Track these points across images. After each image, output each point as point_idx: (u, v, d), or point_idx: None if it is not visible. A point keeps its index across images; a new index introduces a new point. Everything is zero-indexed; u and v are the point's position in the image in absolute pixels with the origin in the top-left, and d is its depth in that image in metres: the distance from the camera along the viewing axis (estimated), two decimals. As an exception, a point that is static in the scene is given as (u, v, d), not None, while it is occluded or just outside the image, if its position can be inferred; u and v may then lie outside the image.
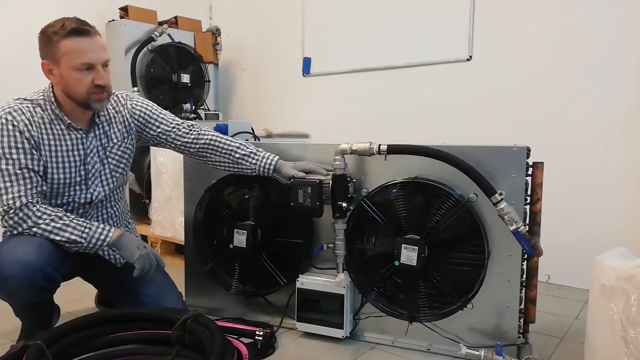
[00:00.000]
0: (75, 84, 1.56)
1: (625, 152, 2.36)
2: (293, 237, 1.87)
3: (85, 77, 1.55)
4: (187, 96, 3.60)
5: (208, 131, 1.85)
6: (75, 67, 1.54)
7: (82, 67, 1.54)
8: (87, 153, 1.68)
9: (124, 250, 1.62)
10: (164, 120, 1.83)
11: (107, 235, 1.59)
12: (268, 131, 2.69)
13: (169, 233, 2.88)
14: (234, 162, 1.82)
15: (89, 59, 1.54)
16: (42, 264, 1.48)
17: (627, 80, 2.34)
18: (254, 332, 1.71)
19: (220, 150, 1.82)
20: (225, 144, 1.82)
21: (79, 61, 1.53)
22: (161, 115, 1.84)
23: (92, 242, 1.57)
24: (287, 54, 3.62)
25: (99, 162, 1.72)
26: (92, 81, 1.56)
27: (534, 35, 2.58)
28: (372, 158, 1.72)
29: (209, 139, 1.83)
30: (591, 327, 1.41)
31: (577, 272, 2.41)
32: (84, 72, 1.55)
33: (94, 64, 1.56)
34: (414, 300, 1.71)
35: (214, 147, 1.82)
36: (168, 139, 1.83)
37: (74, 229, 1.55)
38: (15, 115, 1.55)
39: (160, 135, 1.83)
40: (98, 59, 1.57)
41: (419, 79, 2.99)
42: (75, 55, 1.53)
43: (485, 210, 1.61)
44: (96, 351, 1.54)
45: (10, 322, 1.77)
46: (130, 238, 1.65)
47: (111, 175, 1.76)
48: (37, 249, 1.49)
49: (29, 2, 3.09)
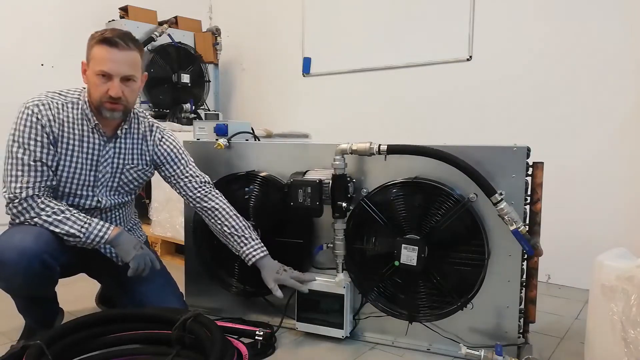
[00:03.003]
0: (93, 88, 1.63)
1: (625, 152, 2.36)
2: (293, 237, 1.87)
3: (102, 85, 1.61)
4: (187, 96, 3.60)
5: (216, 196, 1.84)
6: (96, 72, 1.60)
7: (100, 73, 1.60)
8: (99, 160, 1.71)
9: (121, 249, 1.65)
10: (181, 166, 1.84)
11: (106, 232, 1.61)
12: (268, 131, 2.68)
13: (169, 233, 2.88)
14: (224, 236, 1.83)
15: (108, 69, 1.59)
16: (39, 251, 1.50)
17: (627, 80, 2.34)
18: (254, 332, 1.71)
19: (219, 221, 1.82)
20: (225, 220, 1.81)
21: (98, 68, 1.60)
22: (182, 160, 1.85)
23: (90, 238, 1.59)
24: (287, 54, 3.62)
25: (110, 173, 1.75)
26: (107, 91, 1.61)
27: (534, 35, 2.58)
28: (372, 158, 1.72)
29: (213, 207, 1.82)
30: (591, 327, 1.41)
31: (577, 272, 2.41)
32: (102, 79, 1.61)
33: (111, 75, 1.60)
34: (414, 300, 1.71)
35: (214, 216, 1.82)
36: (177, 184, 1.85)
37: (74, 223, 1.58)
38: (41, 108, 1.61)
39: (171, 178, 1.85)
40: (116, 71, 1.60)
41: (419, 79, 2.99)
42: (98, 62, 1.60)
43: (485, 210, 1.61)
44: (96, 351, 1.54)
45: (10, 322, 1.77)
46: (128, 238, 1.67)
47: (119, 190, 1.79)
48: (35, 236, 1.52)
49: (29, 2, 3.09)
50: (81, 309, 2.03)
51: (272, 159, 1.92)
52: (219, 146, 1.95)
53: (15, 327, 1.78)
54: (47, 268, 1.53)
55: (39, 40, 3.13)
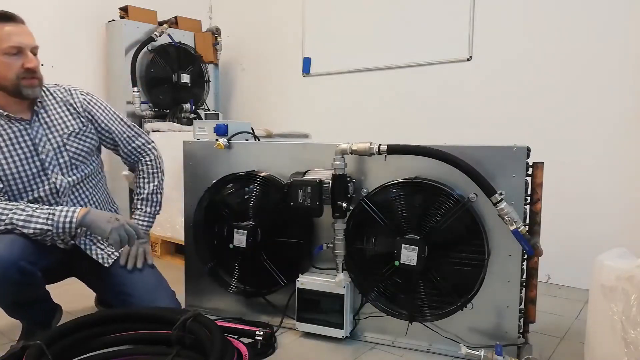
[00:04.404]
0: (4, 70, 1.55)
1: (625, 152, 2.36)
2: (293, 237, 1.87)
3: (14, 62, 1.55)
4: (187, 96, 3.60)
5: (144, 162, 1.91)
6: (3, 50, 1.53)
7: (11, 50, 1.54)
8: (36, 142, 1.65)
9: (95, 227, 1.57)
10: (117, 133, 1.85)
11: (73, 216, 1.54)
12: (268, 131, 2.68)
13: (168, 233, 2.88)
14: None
15: (19, 43, 1.54)
16: (15, 259, 1.46)
17: (627, 80, 2.34)
18: (254, 332, 1.71)
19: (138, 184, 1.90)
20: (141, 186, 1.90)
21: (7, 44, 1.53)
22: (115, 123, 1.85)
23: (59, 227, 1.53)
24: (287, 54, 3.62)
25: (52, 150, 1.68)
26: (22, 65, 1.56)
27: (534, 35, 2.58)
28: (372, 158, 1.72)
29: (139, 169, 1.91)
30: (591, 327, 1.41)
31: (577, 272, 2.41)
32: (13, 56, 1.55)
33: (22, 48, 1.55)
34: (414, 300, 1.71)
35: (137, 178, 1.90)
36: (114, 150, 1.87)
37: (38, 218, 1.53)
38: None
39: (106, 142, 1.85)
40: (27, 43, 1.57)
41: (419, 79, 2.99)
42: (3, 40, 1.53)
43: (485, 210, 1.61)
44: (96, 351, 1.54)
45: (10, 321, 1.76)
46: (98, 213, 1.60)
47: (71, 164, 1.72)
48: (9, 244, 1.47)
49: (30, 2, 3.09)
50: (81, 308, 2.03)
51: (272, 159, 1.92)
52: (219, 146, 1.95)
53: (16, 327, 1.78)
54: (25, 275, 1.49)
55: (39, 40, 3.12)
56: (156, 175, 1.91)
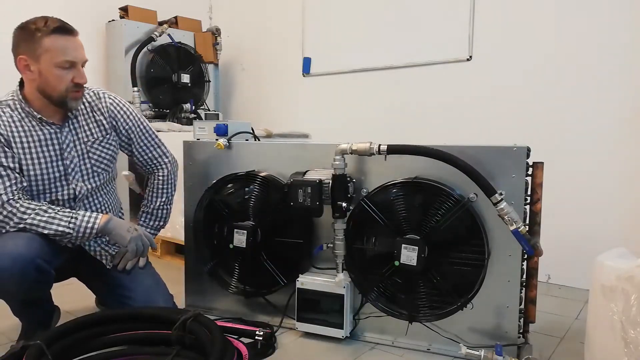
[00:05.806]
0: (55, 81, 1.57)
1: (625, 152, 2.35)
2: (293, 237, 1.87)
3: (66, 75, 1.57)
4: (187, 96, 3.60)
5: (159, 176, 1.92)
6: (58, 64, 1.55)
7: (64, 64, 1.56)
8: (63, 148, 1.68)
9: (115, 235, 1.61)
10: (140, 142, 1.86)
11: (95, 222, 1.58)
12: (268, 131, 2.68)
13: (168, 233, 2.87)
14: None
15: (73, 57, 1.56)
16: (33, 256, 1.48)
17: (628, 80, 2.34)
18: (254, 332, 1.71)
19: (151, 193, 1.92)
20: (153, 196, 1.92)
21: (62, 58, 1.55)
22: (142, 132, 1.86)
23: (80, 231, 1.56)
24: (287, 54, 3.62)
25: (77, 157, 1.71)
26: (72, 79, 1.58)
27: (534, 35, 2.58)
28: (372, 158, 1.72)
29: (153, 181, 1.92)
30: (591, 327, 1.41)
31: (577, 272, 2.41)
32: (65, 70, 1.56)
33: (76, 62, 1.58)
34: (414, 300, 1.71)
35: (151, 188, 1.92)
36: (131, 156, 1.88)
37: (60, 220, 1.55)
38: None
39: (126, 148, 1.87)
40: (80, 58, 1.59)
41: (419, 79, 2.99)
42: (58, 53, 1.54)
43: (485, 210, 1.61)
44: (96, 351, 1.54)
45: (10, 321, 1.77)
46: (119, 222, 1.65)
47: (92, 171, 1.75)
48: (28, 242, 1.50)
49: (30, 2, 3.09)
50: (81, 308, 2.03)
51: (272, 159, 1.92)
52: (219, 146, 1.95)
53: (16, 327, 1.77)
54: (41, 273, 1.52)
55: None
56: (165, 191, 1.93)
